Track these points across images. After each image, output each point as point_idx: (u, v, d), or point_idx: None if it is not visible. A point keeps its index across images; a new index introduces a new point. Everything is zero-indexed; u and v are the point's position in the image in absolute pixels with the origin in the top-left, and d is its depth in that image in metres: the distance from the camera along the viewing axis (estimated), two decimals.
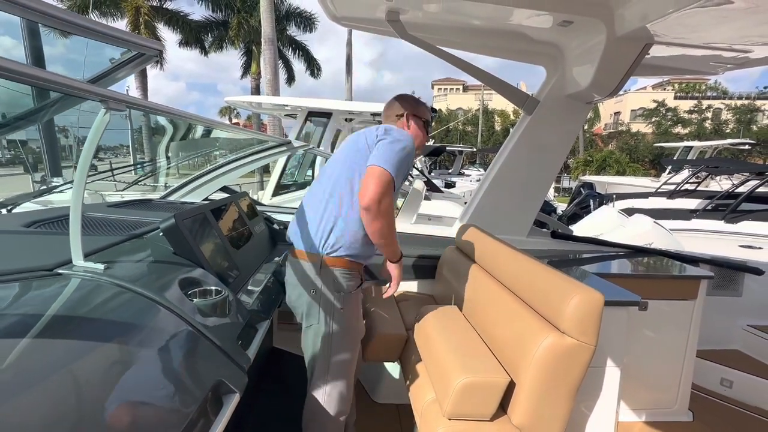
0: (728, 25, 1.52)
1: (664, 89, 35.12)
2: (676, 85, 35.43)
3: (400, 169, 1.31)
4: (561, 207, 10.35)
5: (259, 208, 2.29)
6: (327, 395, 1.42)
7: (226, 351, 0.98)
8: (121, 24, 15.22)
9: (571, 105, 2.18)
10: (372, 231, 1.31)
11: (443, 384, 1.17)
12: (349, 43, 19.73)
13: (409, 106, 1.65)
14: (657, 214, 6.54)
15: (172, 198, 2.55)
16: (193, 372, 0.86)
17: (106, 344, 0.75)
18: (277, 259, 1.87)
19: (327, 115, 4.55)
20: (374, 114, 4.76)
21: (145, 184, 4.77)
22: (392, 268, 1.49)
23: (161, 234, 1.21)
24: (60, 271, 0.96)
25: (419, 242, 2.41)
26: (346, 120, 5.11)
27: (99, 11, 15.24)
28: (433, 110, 4.88)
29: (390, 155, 1.29)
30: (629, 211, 6.11)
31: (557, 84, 2.16)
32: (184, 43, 17.33)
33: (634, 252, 2.45)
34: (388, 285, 1.52)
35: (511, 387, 1.18)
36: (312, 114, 4.57)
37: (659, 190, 8.95)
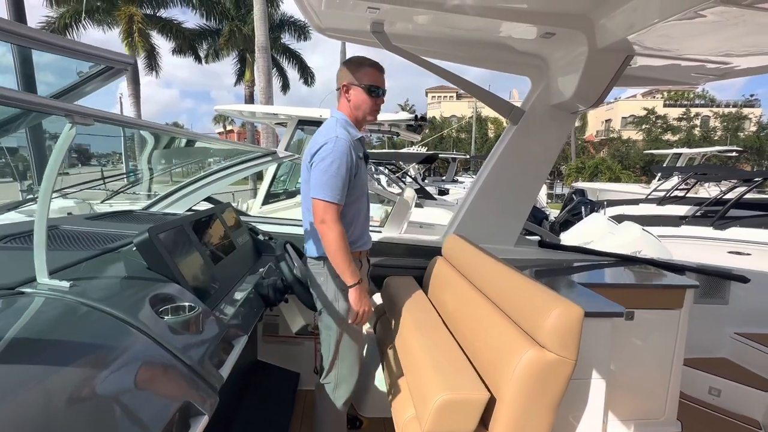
0: (707, 38, 1.54)
1: (654, 97, 35.70)
2: (665, 93, 36.04)
3: (337, 179, 1.44)
4: (554, 213, 10.41)
5: (244, 218, 2.27)
6: (337, 378, 1.61)
7: (197, 371, 0.95)
8: (115, 32, 15.22)
9: (557, 115, 2.20)
10: (324, 245, 1.49)
11: (422, 400, 1.15)
12: (343, 52, 19.84)
13: (346, 74, 1.58)
14: (647, 221, 6.59)
15: (155, 209, 2.52)
16: (157, 394, 0.83)
17: (65, 368, 0.72)
18: (261, 270, 1.84)
19: (317, 123, 4.52)
20: None
21: (135, 193, 4.72)
22: (349, 294, 1.52)
23: (134, 249, 1.18)
24: (23, 290, 0.92)
25: (408, 252, 2.39)
26: None
27: (92, 19, 15.22)
28: (423, 119, 4.90)
29: (322, 181, 1.44)
30: (620, 218, 6.16)
31: (542, 94, 2.18)
32: (178, 50, 17.33)
33: (622, 261, 2.45)
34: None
35: (492, 403, 1.16)
36: (302, 122, 4.56)
37: (649, 197, 9.04)
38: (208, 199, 2.69)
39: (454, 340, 1.45)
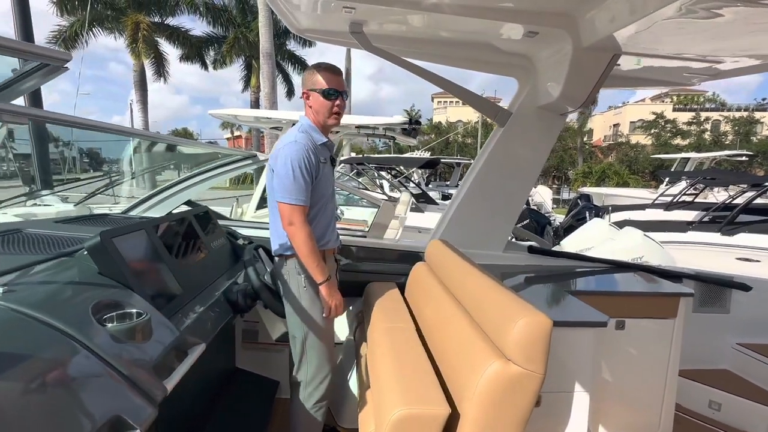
0: (694, 36, 1.48)
1: (663, 101, 35.28)
2: (675, 97, 35.60)
3: (296, 182, 1.50)
4: (560, 218, 10.28)
5: (231, 223, 2.22)
6: (307, 376, 1.64)
7: (135, 381, 0.91)
8: (121, 39, 15.49)
9: (545, 117, 2.14)
10: (294, 246, 1.55)
11: (381, 414, 1.09)
12: (349, 58, 19.98)
13: (305, 81, 1.66)
14: (653, 227, 6.44)
15: (134, 212, 2.50)
16: (82, 407, 0.78)
17: None
18: (239, 275, 1.80)
19: None
20: (359, 126, 4.74)
21: (133, 197, 4.73)
22: (320, 290, 1.59)
23: (85, 253, 1.14)
24: None
25: (392, 257, 2.34)
26: (332, 132, 5.06)
27: (102, 27, 15.54)
28: (417, 122, 4.86)
29: (284, 185, 1.51)
30: (625, 224, 6.02)
31: (529, 95, 2.12)
32: (185, 57, 17.60)
33: (615, 267, 2.36)
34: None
35: (455, 419, 1.09)
36: None
37: (656, 202, 8.87)
38: (188, 203, 2.66)
39: (425, 351, 1.39)
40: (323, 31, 1.97)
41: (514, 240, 2.78)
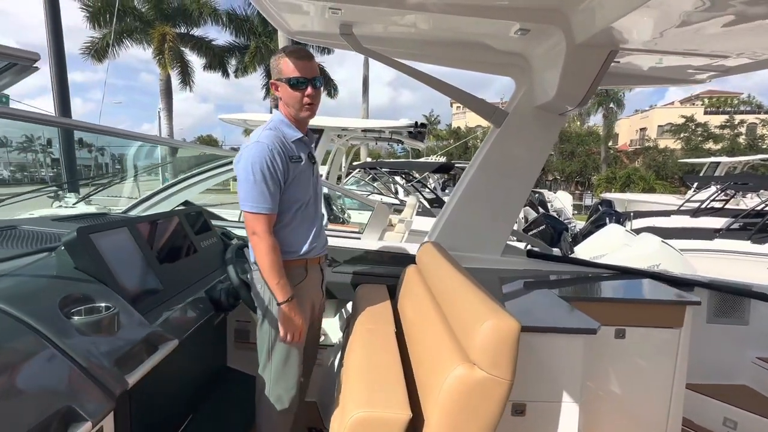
0: (692, 29, 1.40)
1: (693, 104, 33.86)
2: (706, 100, 34.10)
3: (256, 187, 1.36)
4: (580, 225, 9.98)
5: (222, 223, 2.26)
6: (271, 390, 1.52)
7: (93, 374, 0.92)
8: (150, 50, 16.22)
9: (543, 117, 2.08)
10: (255, 257, 1.42)
11: (341, 417, 1.06)
12: (366, 65, 20.14)
13: (273, 72, 1.49)
14: (677, 234, 6.15)
15: (135, 211, 2.57)
16: (33, 396, 0.79)
17: None
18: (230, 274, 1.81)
19: (318, 131, 4.56)
20: (365, 130, 4.75)
21: (148, 198, 4.91)
22: (279, 312, 1.43)
23: (62, 248, 1.18)
24: None
25: (386, 260, 2.31)
26: (338, 136, 5.14)
27: (131, 39, 16.32)
28: (423, 125, 4.82)
29: (244, 191, 1.37)
30: (647, 230, 5.77)
31: (526, 95, 2.07)
32: (209, 66, 18.21)
33: (620, 273, 2.26)
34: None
35: (419, 424, 1.05)
36: None
37: (682, 208, 8.48)
38: (185, 203, 2.73)
39: (399, 353, 1.35)
40: (314, 33, 1.98)
41: (515, 244, 2.70)
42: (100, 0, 14.80)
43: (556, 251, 6.04)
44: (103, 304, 1.08)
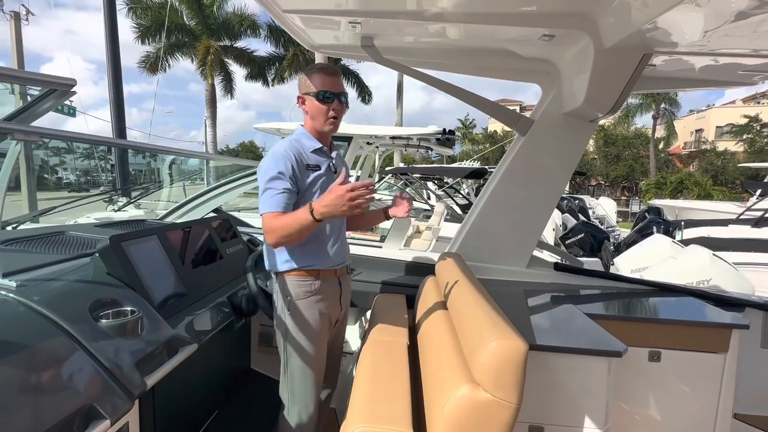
0: (733, 27, 1.29)
1: (758, 102, 30.96)
2: None
3: (271, 192, 1.40)
4: (625, 233, 9.41)
5: (249, 230, 2.34)
6: (289, 408, 1.53)
7: (115, 375, 0.98)
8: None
9: (571, 124, 1.99)
10: (274, 242, 1.41)
11: (346, 428, 1.06)
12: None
13: (300, 85, 1.54)
14: (736, 245, 5.64)
15: (170, 218, 2.74)
16: (57, 393, 0.86)
17: None
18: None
19: (347, 139, 4.65)
20: (393, 137, 4.76)
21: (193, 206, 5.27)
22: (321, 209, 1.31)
23: (97, 255, 1.28)
24: None
25: (406, 270, 2.30)
26: (367, 143, 5.19)
27: (180, 52, 17.55)
28: (451, 132, 4.75)
29: (264, 198, 1.41)
30: (700, 241, 5.34)
31: (553, 102, 1.99)
32: (250, 76, 19.12)
33: (658, 290, 2.10)
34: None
35: None
36: (333, 138, 4.65)
37: (742, 217, 7.75)
38: (216, 210, 2.86)
39: (409, 368, 1.33)
40: (336, 45, 2.02)
41: (543, 256, 2.59)
42: (150, 18, 16.02)
43: (596, 261, 5.72)
44: (129, 308, 1.16)
